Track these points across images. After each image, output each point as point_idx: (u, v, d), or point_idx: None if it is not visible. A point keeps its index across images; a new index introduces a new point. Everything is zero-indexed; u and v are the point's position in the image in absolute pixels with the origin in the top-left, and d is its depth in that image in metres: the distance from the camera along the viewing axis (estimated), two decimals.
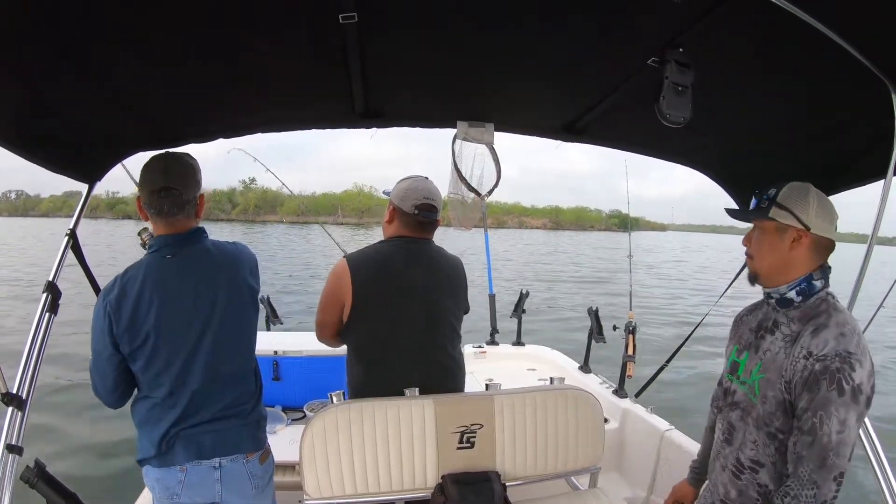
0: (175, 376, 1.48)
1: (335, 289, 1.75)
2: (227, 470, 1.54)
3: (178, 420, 1.49)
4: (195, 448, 1.50)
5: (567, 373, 3.46)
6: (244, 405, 1.58)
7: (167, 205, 1.48)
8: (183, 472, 1.50)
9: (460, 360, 1.88)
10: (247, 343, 1.63)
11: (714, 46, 1.27)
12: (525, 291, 4.13)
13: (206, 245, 1.56)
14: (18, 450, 1.45)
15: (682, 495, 1.59)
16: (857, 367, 1.07)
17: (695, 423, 3.76)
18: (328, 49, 1.40)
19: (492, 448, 1.74)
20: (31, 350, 1.55)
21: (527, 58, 1.51)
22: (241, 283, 1.58)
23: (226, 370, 1.54)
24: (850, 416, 1.06)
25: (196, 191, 1.54)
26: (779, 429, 1.19)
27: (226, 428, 1.54)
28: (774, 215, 1.21)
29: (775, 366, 1.19)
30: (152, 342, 1.45)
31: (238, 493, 1.57)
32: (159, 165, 1.50)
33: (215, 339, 1.51)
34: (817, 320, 1.17)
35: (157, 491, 1.53)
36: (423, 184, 1.82)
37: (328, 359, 2.83)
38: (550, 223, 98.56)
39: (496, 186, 2.48)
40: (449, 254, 1.88)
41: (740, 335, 1.37)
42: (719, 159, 2.09)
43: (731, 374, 1.35)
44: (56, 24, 1.11)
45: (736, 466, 1.29)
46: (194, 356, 1.49)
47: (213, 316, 1.51)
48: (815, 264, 1.21)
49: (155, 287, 1.46)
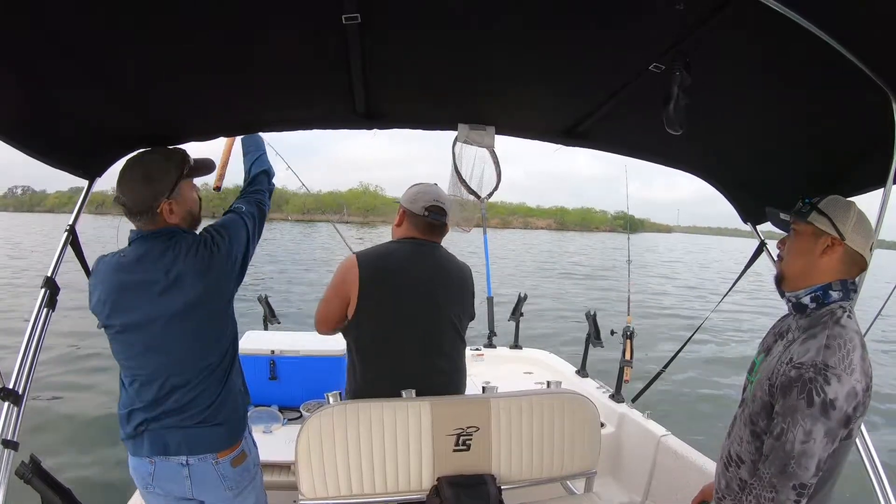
0: (143, 369, 1.49)
1: (342, 283, 1.76)
2: (196, 469, 1.53)
3: (144, 413, 1.49)
4: (161, 444, 1.50)
5: (564, 377, 3.45)
6: (214, 403, 1.54)
7: (129, 209, 1.49)
8: (152, 464, 1.52)
9: (462, 365, 1.88)
10: (216, 338, 1.56)
11: (715, 53, 1.28)
12: (523, 294, 4.12)
13: (168, 241, 1.51)
14: (14, 445, 1.45)
15: (710, 496, 1.56)
16: (834, 381, 1.06)
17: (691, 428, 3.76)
18: (330, 49, 1.40)
19: (488, 451, 1.73)
20: (29, 345, 1.55)
21: (528, 61, 1.51)
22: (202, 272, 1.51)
23: (195, 366, 1.51)
24: (818, 429, 1.05)
25: (150, 202, 1.47)
26: (762, 429, 1.20)
27: (193, 426, 1.51)
28: (812, 219, 1.23)
29: (769, 368, 1.21)
30: (123, 332, 1.47)
31: (210, 492, 1.56)
32: (130, 167, 1.51)
33: (183, 333, 1.49)
34: (813, 330, 1.17)
35: (136, 479, 1.56)
36: (432, 188, 1.88)
37: (325, 359, 2.83)
38: (555, 224, 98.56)
39: (496, 189, 2.49)
40: (458, 260, 1.91)
41: (767, 338, 1.39)
42: (719, 166, 2.09)
43: (749, 373, 1.38)
44: (57, 20, 1.11)
45: (727, 458, 1.33)
46: (161, 349, 1.48)
47: (178, 310, 1.48)
48: (839, 276, 1.21)
49: (117, 280, 1.48)
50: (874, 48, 1.13)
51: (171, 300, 1.46)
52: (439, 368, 1.80)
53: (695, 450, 2.46)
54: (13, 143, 1.43)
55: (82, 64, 1.32)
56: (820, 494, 1.15)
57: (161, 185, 1.49)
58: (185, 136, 1.88)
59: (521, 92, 1.78)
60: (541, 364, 3.80)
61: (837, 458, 1.13)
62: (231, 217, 1.65)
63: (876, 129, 1.34)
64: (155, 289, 1.46)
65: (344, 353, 3.03)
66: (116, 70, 1.39)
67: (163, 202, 1.48)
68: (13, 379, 1.50)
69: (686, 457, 2.42)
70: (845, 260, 1.21)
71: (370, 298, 1.73)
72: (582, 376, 3.42)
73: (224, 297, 1.57)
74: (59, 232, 1.73)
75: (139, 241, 1.51)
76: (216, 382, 1.55)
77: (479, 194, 2.48)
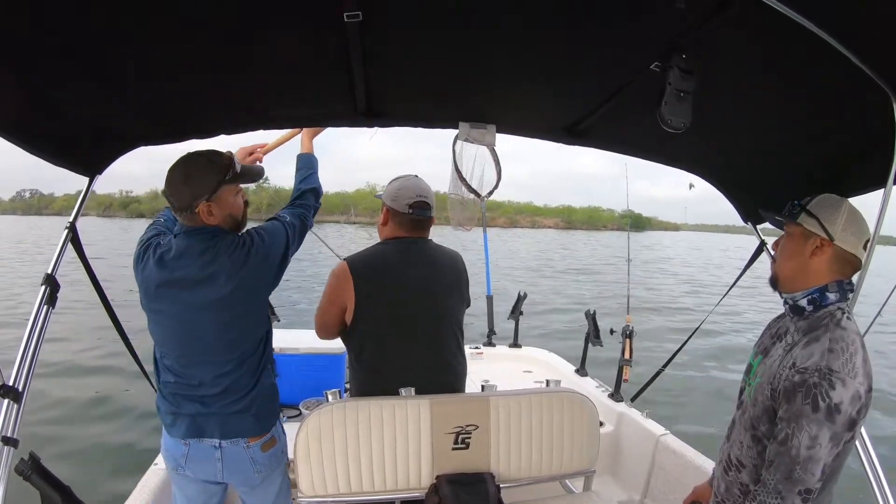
0: (179, 354, 1.58)
1: (336, 291, 1.75)
2: (228, 451, 1.60)
3: (180, 396, 1.58)
4: (196, 427, 1.58)
5: (563, 375, 3.46)
6: (247, 396, 1.60)
7: (175, 210, 1.57)
8: (186, 445, 1.59)
9: (462, 360, 1.88)
10: (247, 335, 1.62)
11: (715, 52, 1.28)
12: (523, 293, 4.12)
13: (210, 240, 1.58)
14: (14, 442, 1.45)
15: (703, 496, 1.58)
16: (839, 385, 1.06)
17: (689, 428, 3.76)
18: (331, 47, 1.40)
19: (487, 449, 1.74)
20: (29, 342, 1.55)
21: (529, 60, 1.51)
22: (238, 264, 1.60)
23: (228, 357, 1.58)
24: (823, 433, 1.05)
25: (189, 201, 1.52)
26: (764, 434, 1.20)
27: (227, 414, 1.58)
28: (802, 221, 1.24)
29: (770, 372, 1.20)
30: (160, 318, 1.56)
31: (240, 475, 1.63)
32: (175, 171, 1.54)
33: (216, 325, 1.55)
34: (815, 333, 1.16)
35: (168, 459, 1.64)
36: (413, 182, 1.84)
37: (324, 357, 2.83)
38: (563, 223, 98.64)
39: (496, 188, 2.49)
40: (447, 249, 1.89)
41: (763, 339, 1.39)
42: (719, 165, 2.09)
43: (746, 374, 1.37)
44: (57, 19, 1.11)
45: (727, 462, 1.32)
46: (195, 338, 1.55)
47: (209, 304, 1.54)
48: (833, 277, 1.21)
49: (158, 275, 1.54)
50: (874, 48, 1.13)
51: (203, 295, 1.53)
52: (441, 364, 1.81)
53: (693, 449, 2.46)
54: (13, 141, 1.43)
55: (83, 62, 1.31)
56: (821, 496, 1.14)
57: (200, 188, 1.52)
58: (185, 134, 1.88)
59: (521, 90, 1.78)
60: (540, 363, 3.80)
61: (839, 459, 1.13)
62: (273, 224, 1.71)
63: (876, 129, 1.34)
64: (190, 284, 1.53)
65: (343, 352, 3.05)
66: (117, 69, 1.39)
67: (202, 203, 1.52)
68: (13, 376, 1.50)
69: (685, 456, 2.43)
70: (837, 260, 1.21)
71: (367, 304, 1.73)
72: (581, 375, 3.42)
73: (256, 297, 1.62)
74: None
75: (183, 236, 1.57)
76: (248, 375, 1.61)
77: (480, 193, 2.48)
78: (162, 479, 2.05)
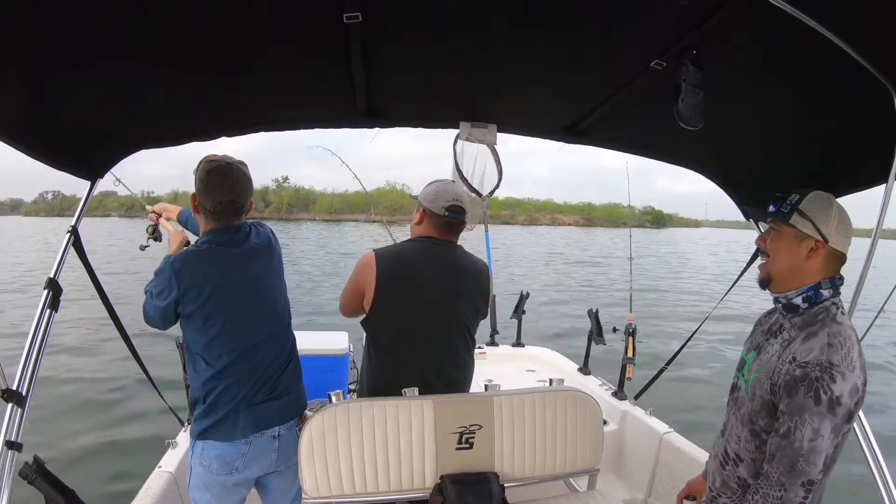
0: (239, 348, 1.62)
1: (359, 277, 1.80)
2: (284, 438, 1.69)
3: (237, 391, 1.60)
4: (259, 420, 1.63)
5: (566, 374, 3.45)
6: (288, 373, 1.72)
7: (228, 213, 1.65)
8: (247, 444, 1.62)
9: (470, 361, 1.90)
10: (282, 311, 1.78)
11: (716, 50, 1.27)
12: (525, 292, 4.12)
13: (249, 229, 1.73)
14: (18, 446, 1.45)
15: (697, 490, 1.59)
16: (839, 378, 1.08)
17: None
18: (332, 49, 1.40)
19: (490, 449, 1.74)
20: (32, 346, 1.55)
21: (530, 59, 1.51)
22: (277, 251, 1.79)
23: (273, 329, 1.71)
24: (825, 425, 1.07)
25: (250, 196, 1.71)
26: (762, 428, 1.21)
27: (282, 395, 1.68)
28: (795, 222, 1.22)
29: (767, 367, 1.22)
30: (220, 312, 1.60)
31: (289, 460, 1.69)
32: (226, 180, 1.62)
33: (275, 303, 1.72)
34: (812, 328, 1.18)
35: (213, 466, 1.60)
36: (451, 186, 1.87)
37: (328, 358, 2.83)
38: (583, 220, 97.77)
39: (497, 187, 2.49)
40: (474, 258, 1.91)
41: (754, 335, 1.40)
42: (721, 162, 2.09)
43: (739, 370, 1.38)
44: (58, 23, 1.11)
45: (723, 457, 1.33)
46: (263, 320, 1.68)
47: (272, 285, 1.71)
48: (826, 275, 1.22)
49: (216, 267, 1.62)
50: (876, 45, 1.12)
51: (266, 269, 1.72)
52: (450, 365, 1.83)
53: (697, 446, 2.46)
54: (15, 145, 1.43)
55: (84, 65, 1.32)
56: (819, 486, 1.16)
57: (252, 183, 1.71)
58: (186, 136, 1.88)
59: (522, 90, 1.78)
60: (543, 362, 3.80)
61: (837, 450, 1.15)
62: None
63: (877, 127, 1.33)
64: (259, 266, 1.70)
65: (346, 353, 3.06)
66: (118, 71, 1.39)
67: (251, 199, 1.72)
68: (16, 380, 1.50)
69: (689, 453, 2.43)
70: (829, 259, 1.22)
71: (385, 295, 1.76)
72: (584, 374, 3.41)
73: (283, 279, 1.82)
74: (96, 235, 1.75)
75: (237, 237, 1.67)
76: (287, 353, 1.75)
77: (481, 192, 2.48)
78: (166, 481, 2.06)
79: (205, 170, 1.61)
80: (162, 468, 2.14)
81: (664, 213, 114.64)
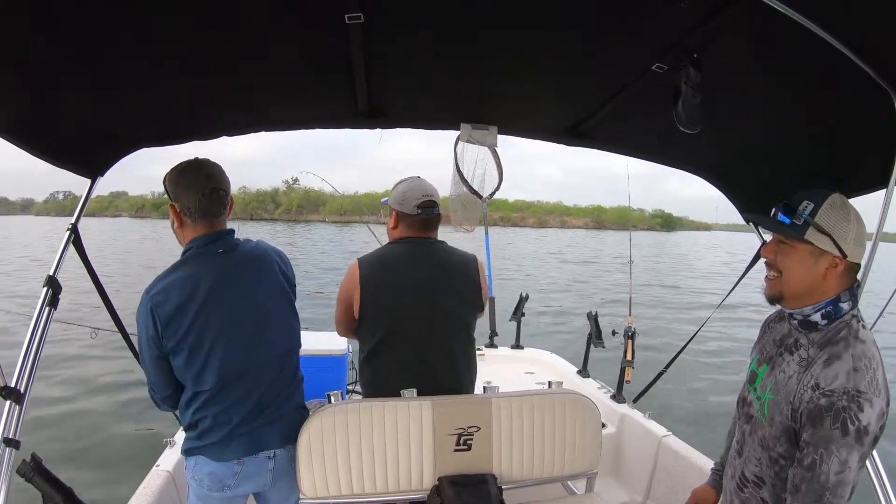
0: (233, 371, 1.52)
1: (346, 288, 1.79)
2: (280, 458, 1.60)
3: (238, 414, 1.52)
4: (256, 441, 1.55)
5: (565, 377, 3.45)
6: (289, 392, 1.64)
7: (215, 206, 1.54)
8: (240, 465, 1.54)
9: (469, 362, 1.87)
10: (290, 329, 1.68)
11: (717, 52, 1.28)
12: (524, 294, 4.12)
13: (239, 242, 1.61)
14: (16, 443, 1.45)
15: (703, 498, 1.53)
16: (867, 406, 1.01)
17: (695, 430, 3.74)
18: (333, 49, 1.40)
19: (489, 451, 1.73)
20: (31, 344, 1.55)
21: (530, 62, 1.51)
22: (277, 273, 1.64)
23: (280, 350, 1.61)
24: (853, 457, 1.01)
25: (230, 189, 1.61)
26: (781, 454, 1.15)
27: (284, 415, 1.61)
28: (812, 238, 1.10)
29: (786, 390, 1.14)
30: (206, 341, 1.48)
31: (285, 479, 1.63)
32: (200, 170, 1.53)
33: (268, 329, 1.58)
34: (834, 348, 1.09)
35: (205, 483, 1.53)
36: (417, 183, 1.85)
37: (327, 358, 2.83)
38: (592, 223, 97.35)
39: (497, 189, 2.49)
40: (461, 252, 1.88)
41: (764, 344, 1.31)
42: (721, 166, 2.09)
43: (750, 384, 1.30)
44: (60, 21, 1.11)
45: (741, 479, 1.26)
46: (253, 347, 1.55)
47: (263, 308, 1.57)
48: (843, 287, 1.14)
49: (209, 283, 1.50)
50: (876, 48, 1.12)
51: (264, 296, 1.59)
52: (445, 365, 1.80)
53: (696, 450, 2.46)
54: (16, 142, 1.44)
55: (85, 64, 1.32)
56: None
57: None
58: (187, 135, 1.88)
59: (522, 92, 1.78)
60: (542, 364, 3.80)
61: (860, 474, 1.09)
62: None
63: (878, 130, 1.33)
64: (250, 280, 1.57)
65: (344, 353, 3.05)
66: (119, 70, 1.39)
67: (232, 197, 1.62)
68: (15, 377, 1.50)
69: (687, 457, 2.42)
70: (848, 272, 1.14)
71: (370, 301, 1.75)
72: (583, 376, 3.41)
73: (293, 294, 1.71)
74: (106, 235, 1.74)
75: (226, 243, 1.56)
76: (292, 371, 1.66)
77: (482, 194, 2.48)
78: (164, 480, 2.06)
79: (175, 171, 1.53)
80: (160, 467, 2.13)
81: (674, 217, 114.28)
